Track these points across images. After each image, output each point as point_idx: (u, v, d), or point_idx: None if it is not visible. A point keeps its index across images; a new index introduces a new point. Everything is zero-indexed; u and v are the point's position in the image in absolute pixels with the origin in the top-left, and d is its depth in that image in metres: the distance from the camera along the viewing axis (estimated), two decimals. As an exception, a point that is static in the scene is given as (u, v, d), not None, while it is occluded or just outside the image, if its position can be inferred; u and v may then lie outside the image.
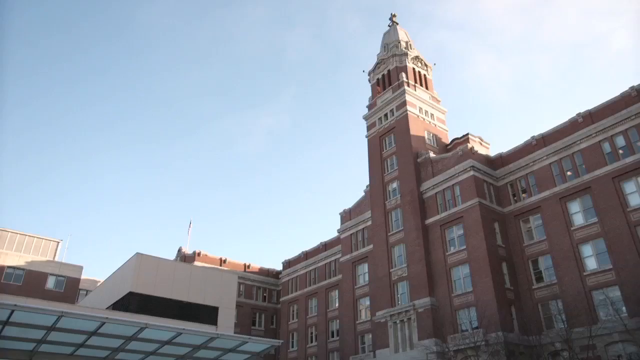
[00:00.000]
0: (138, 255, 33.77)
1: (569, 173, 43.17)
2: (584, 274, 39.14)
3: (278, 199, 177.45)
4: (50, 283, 47.77)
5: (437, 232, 48.09)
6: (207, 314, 34.35)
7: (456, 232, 46.77)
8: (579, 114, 43.55)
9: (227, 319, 35.52)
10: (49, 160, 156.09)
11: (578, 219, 41.46)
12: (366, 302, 55.21)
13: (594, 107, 42.79)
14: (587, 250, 40.06)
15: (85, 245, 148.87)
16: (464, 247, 45.08)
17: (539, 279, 42.59)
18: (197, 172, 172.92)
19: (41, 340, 18.71)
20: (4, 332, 17.58)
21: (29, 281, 46.19)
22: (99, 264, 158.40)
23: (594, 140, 41.81)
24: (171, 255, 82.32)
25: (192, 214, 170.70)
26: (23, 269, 46.80)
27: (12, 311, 15.85)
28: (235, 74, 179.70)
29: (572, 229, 41.24)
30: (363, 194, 61.25)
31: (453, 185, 48.35)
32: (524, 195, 46.32)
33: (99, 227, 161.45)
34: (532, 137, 46.73)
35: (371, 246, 55.32)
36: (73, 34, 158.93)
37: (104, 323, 17.51)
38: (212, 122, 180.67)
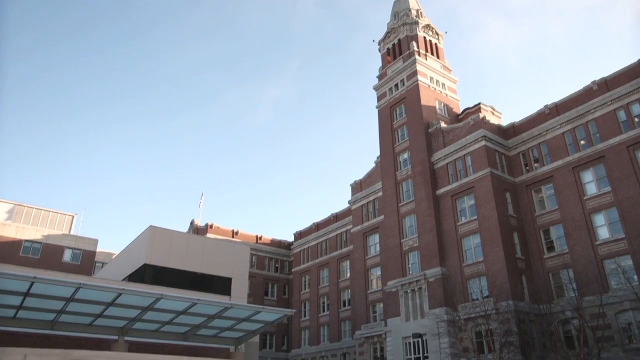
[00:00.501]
0: (151, 228, 34.26)
1: (582, 142, 42.64)
2: (596, 243, 39.09)
3: (288, 171, 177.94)
4: (67, 256, 48.76)
5: (448, 202, 48.06)
6: (220, 284, 34.96)
7: (467, 202, 46.71)
8: (594, 82, 42.74)
9: (240, 289, 36.14)
10: (61, 136, 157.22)
11: (591, 189, 41.17)
12: (377, 272, 55.77)
13: (610, 75, 41.93)
14: (599, 219, 39.90)
15: (99, 219, 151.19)
16: (475, 217, 45.09)
17: (550, 248, 42.63)
18: (207, 145, 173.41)
19: (61, 310, 19.21)
20: (25, 303, 18.06)
21: (46, 254, 47.18)
22: (113, 237, 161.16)
23: (609, 108, 41.11)
24: (184, 227, 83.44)
25: (204, 186, 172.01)
26: (40, 243, 47.76)
27: (32, 283, 16.25)
28: (240, 46, 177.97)
29: (584, 198, 41.00)
30: (374, 165, 61.15)
31: (464, 155, 48.05)
32: (536, 164, 45.96)
33: (112, 201, 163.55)
34: (545, 106, 46.05)
35: (382, 217, 55.51)
36: (77, 11, 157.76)
37: (120, 294, 17.89)
38: (218, 96, 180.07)
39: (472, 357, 37.10)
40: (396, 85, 58.22)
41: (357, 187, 62.38)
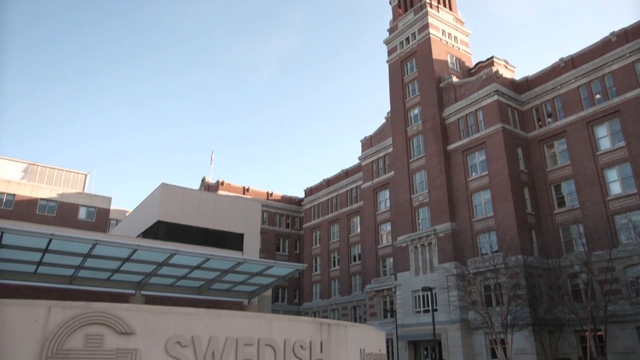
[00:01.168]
0: (163, 185, 34.60)
1: (597, 96, 41.75)
2: (607, 198, 38.93)
3: (298, 128, 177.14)
4: (82, 214, 49.68)
5: (459, 158, 47.81)
6: (232, 240, 35.50)
7: (478, 157, 46.43)
8: (612, 33, 41.39)
9: (252, 245, 36.71)
10: (70, 95, 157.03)
11: (604, 144, 40.63)
12: (387, 227, 56.29)
13: (629, 25, 40.52)
14: (612, 174, 39.58)
15: (112, 177, 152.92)
16: (486, 172, 44.93)
17: (561, 204, 42.59)
18: (216, 103, 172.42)
19: (79, 266, 19.73)
20: (44, 259, 18.57)
21: (62, 212, 48.09)
22: (126, 195, 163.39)
23: (627, 61, 39.99)
24: (195, 185, 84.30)
25: (214, 144, 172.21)
26: (55, 201, 48.59)
27: (50, 240, 16.63)
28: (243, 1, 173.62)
29: (597, 153, 40.54)
30: (384, 120, 60.64)
31: (476, 110, 47.39)
32: (549, 119, 45.26)
33: (124, 160, 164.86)
34: (561, 59, 44.87)
35: (392, 173, 55.52)
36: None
37: (136, 250, 18.26)
38: (224, 52, 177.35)
39: (480, 310, 37.84)
40: (407, 38, 56.86)
41: (368, 143, 62.12)
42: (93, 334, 4.54)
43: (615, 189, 39.11)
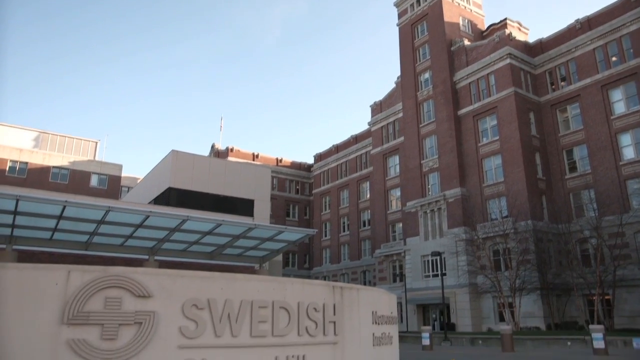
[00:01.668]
0: (174, 152, 34.76)
1: (613, 59, 40.77)
2: (620, 163, 38.54)
3: (307, 95, 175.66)
4: (93, 181, 50.14)
5: (470, 122, 47.31)
6: (243, 206, 35.83)
7: (489, 122, 45.91)
8: (631, -8, 40.08)
9: (262, 210, 37.03)
10: (79, 64, 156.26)
11: (619, 108, 39.92)
12: (397, 193, 56.39)
13: (649, -17, 39.15)
14: (625, 139, 39.05)
15: (122, 145, 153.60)
16: (497, 137, 44.51)
17: (573, 169, 42.26)
18: (223, 71, 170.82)
19: (93, 232, 20.10)
20: (59, 225, 18.92)
21: (74, 180, 48.57)
22: (137, 163, 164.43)
23: (645, 21, 38.82)
24: (204, 152, 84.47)
25: (223, 110, 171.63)
26: (67, 169, 49.02)
27: (64, 207, 16.89)
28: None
29: (611, 117, 39.90)
30: (394, 85, 59.87)
31: (488, 74, 46.57)
32: (562, 83, 44.41)
33: (133, 127, 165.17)
34: (577, 20, 43.66)
35: (402, 138, 55.19)
36: None
37: (148, 216, 18.52)
38: (225, 19, 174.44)
39: (489, 274, 38.18)
40: (418, 0, 55.49)
41: (377, 108, 61.56)
42: (112, 297, 4.65)
43: (629, 153, 38.65)
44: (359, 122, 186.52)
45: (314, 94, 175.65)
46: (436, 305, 45.66)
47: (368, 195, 63.56)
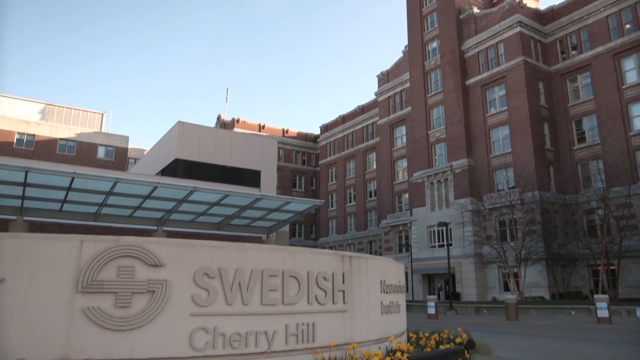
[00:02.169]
0: (180, 123, 34.69)
1: (627, 26, 39.82)
2: (630, 134, 38.11)
3: (313, 66, 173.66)
4: (100, 153, 50.27)
5: (478, 92, 46.74)
6: (249, 177, 35.92)
7: (498, 92, 45.33)
8: (647, -44, 38.85)
9: (269, 181, 37.15)
10: (82, 40, 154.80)
11: (631, 77, 39.21)
12: (403, 163, 56.27)
13: (666, -53, 37.91)
14: (636, 109, 38.51)
15: (128, 117, 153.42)
16: (505, 108, 44.02)
17: (581, 139, 41.87)
18: (228, 42, 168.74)
19: (102, 204, 20.28)
20: (68, 197, 19.09)
21: (81, 152, 48.71)
22: (143, 134, 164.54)
23: (661, -14, 37.77)
24: (210, 123, 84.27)
25: (229, 82, 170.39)
26: (74, 141, 49.11)
27: (73, 178, 17.00)
28: None
29: (623, 87, 39.24)
30: (401, 55, 59.03)
31: (497, 43, 45.73)
32: (573, 52, 43.56)
33: (139, 99, 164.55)
34: (590, -14, 42.52)
35: (409, 108, 54.73)
36: None
37: (156, 187, 18.62)
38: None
39: (495, 245, 38.35)
40: (427, -34, 54.14)
41: (384, 78, 60.86)
42: (125, 266, 4.72)
43: (639, 124, 38.18)
44: (366, 93, 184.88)
45: (320, 65, 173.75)
46: (441, 275, 46.12)
47: (374, 166, 63.49)
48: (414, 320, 24.04)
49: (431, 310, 28.18)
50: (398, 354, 5.15)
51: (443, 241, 44.46)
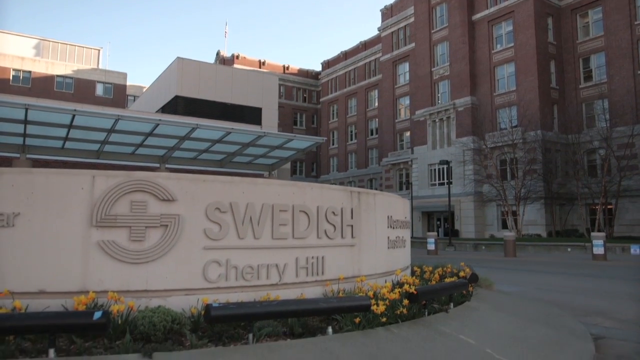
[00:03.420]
0: (179, 59, 33.98)
1: (643, -44, 38.06)
2: (638, 72, 37.37)
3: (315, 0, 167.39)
4: (99, 90, 49.52)
5: (484, 28, 45.39)
6: (250, 114, 35.65)
7: (505, 28, 44.01)
8: None
9: (270, 119, 36.92)
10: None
11: (644, 11, 37.96)
12: (406, 101, 55.63)
13: None
14: (647, 45, 37.57)
15: (125, 52, 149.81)
16: (512, 44, 42.89)
17: (588, 78, 41.15)
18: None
19: (104, 141, 20.21)
20: (70, 134, 18.98)
21: (79, 89, 47.96)
22: (141, 71, 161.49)
23: None
24: (210, 59, 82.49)
25: (227, 16, 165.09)
26: (72, 78, 48.20)
27: (74, 115, 16.83)
28: None
29: (635, 23, 38.03)
30: (406, -13, 56.80)
31: (507, -25, 43.88)
32: (586, -16, 41.88)
33: (136, 35, 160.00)
34: None
35: (413, 44, 53.38)
36: None
37: (158, 124, 18.47)
38: None
39: (495, 183, 38.65)
40: None
41: (388, 12, 58.90)
42: (137, 201, 4.76)
43: (648, 61, 37.42)
44: (369, 29, 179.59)
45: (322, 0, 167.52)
46: (441, 213, 46.80)
47: (376, 104, 62.78)
48: (414, 255, 24.60)
49: (431, 247, 28.84)
50: (406, 286, 5.30)
51: (443, 179, 44.79)
